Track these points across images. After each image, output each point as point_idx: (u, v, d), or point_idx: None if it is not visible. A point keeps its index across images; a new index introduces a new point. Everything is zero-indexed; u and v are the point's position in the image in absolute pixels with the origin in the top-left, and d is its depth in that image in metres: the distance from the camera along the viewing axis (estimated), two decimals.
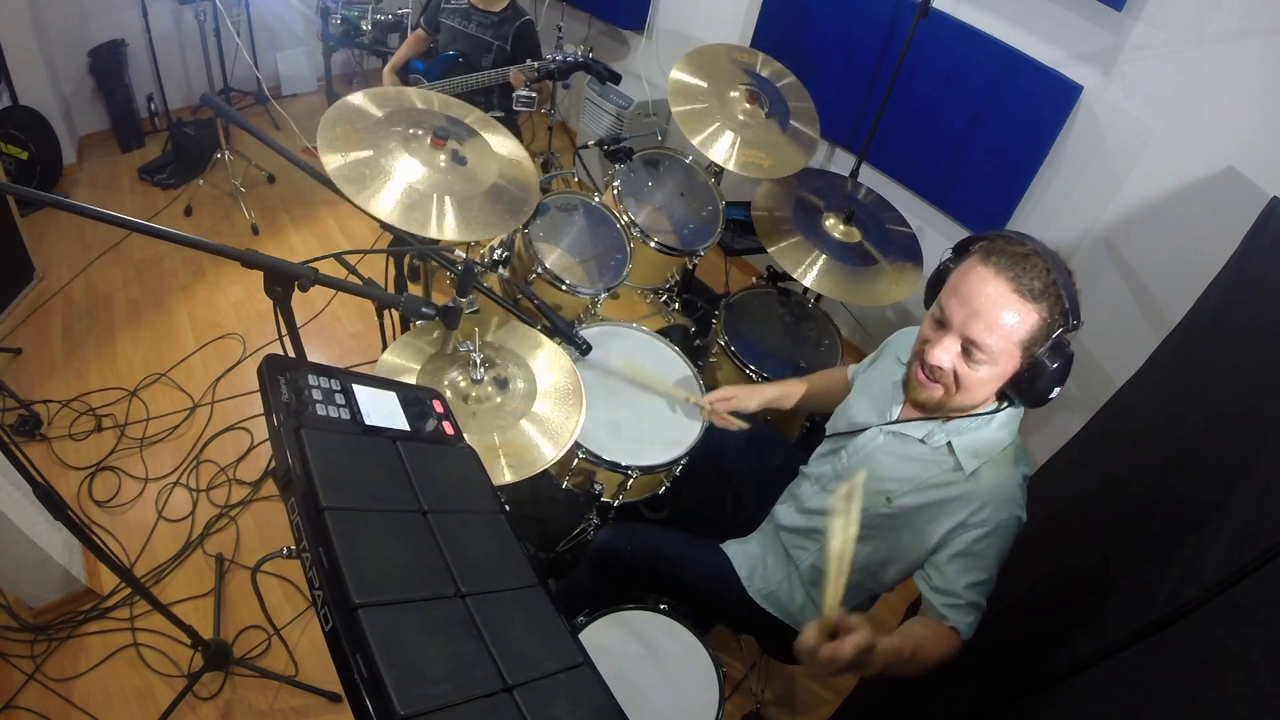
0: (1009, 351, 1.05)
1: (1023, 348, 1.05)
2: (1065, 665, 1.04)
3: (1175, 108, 1.92)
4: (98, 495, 2.06)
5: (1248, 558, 0.79)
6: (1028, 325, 1.03)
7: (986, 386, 1.10)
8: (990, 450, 1.15)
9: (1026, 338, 1.04)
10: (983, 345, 1.05)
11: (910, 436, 1.22)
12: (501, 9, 2.60)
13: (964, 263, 1.11)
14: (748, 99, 2.12)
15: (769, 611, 1.43)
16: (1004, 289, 1.02)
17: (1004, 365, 1.07)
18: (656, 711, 1.24)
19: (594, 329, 1.83)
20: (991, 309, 1.03)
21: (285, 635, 1.81)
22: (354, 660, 0.60)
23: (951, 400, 1.13)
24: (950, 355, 1.09)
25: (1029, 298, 1.02)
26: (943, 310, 1.10)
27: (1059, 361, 1.05)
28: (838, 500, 0.92)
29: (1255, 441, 1.04)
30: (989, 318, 1.03)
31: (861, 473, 0.98)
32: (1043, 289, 1.02)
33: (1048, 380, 1.06)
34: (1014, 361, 1.06)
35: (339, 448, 0.80)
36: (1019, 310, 1.03)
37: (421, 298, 1.14)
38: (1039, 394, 1.08)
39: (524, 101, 2.43)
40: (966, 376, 1.09)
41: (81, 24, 3.04)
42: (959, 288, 1.07)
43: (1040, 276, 1.02)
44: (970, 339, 1.06)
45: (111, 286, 2.71)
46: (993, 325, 1.03)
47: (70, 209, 0.89)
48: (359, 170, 1.42)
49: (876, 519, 1.23)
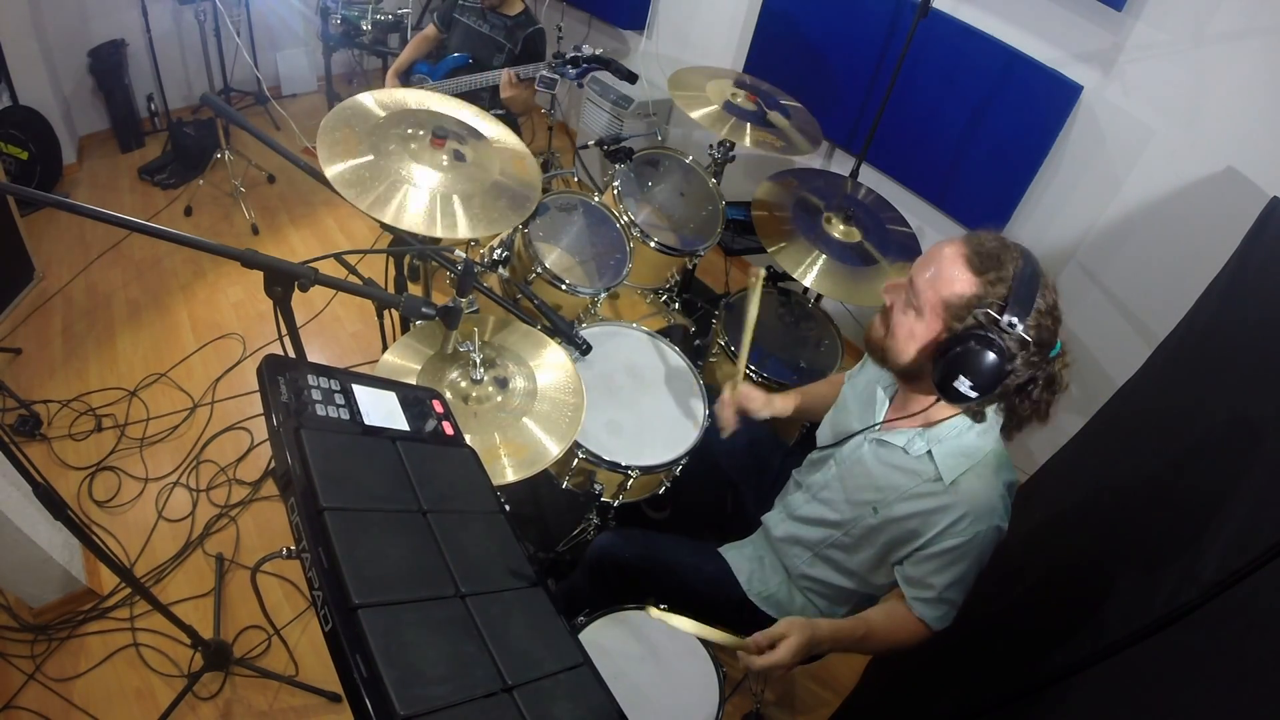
0: (933, 306, 1.07)
1: (945, 308, 1.06)
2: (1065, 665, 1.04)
3: (1175, 108, 1.92)
4: (98, 495, 2.06)
5: (1248, 558, 0.79)
6: (958, 287, 1.05)
7: (910, 341, 1.12)
8: (970, 458, 1.15)
9: (953, 298, 1.05)
10: (916, 288, 1.10)
11: (893, 445, 1.22)
12: (517, 13, 2.61)
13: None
14: (748, 98, 2.13)
15: (769, 614, 1.43)
16: (956, 250, 1.08)
17: (928, 323, 1.09)
18: (656, 711, 1.24)
19: (594, 329, 1.83)
20: (936, 259, 1.09)
21: (285, 635, 1.81)
22: (354, 660, 0.60)
23: (888, 344, 1.16)
24: (894, 295, 1.15)
25: (971, 268, 1.05)
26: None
27: (976, 348, 1.00)
28: (654, 616, 1.01)
29: (1255, 441, 1.04)
30: (931, 266, 1.09)
31: (652, 607, 1.02)
32: (989, 268, 1.04)
33: (956, 361, 1.02)
34: (936, 323, 1.08)
35: (339, 448, 0.80)
36: (957, 271, 1.06)
37: (421, 298, 1.14)
38: (945, 371, 1.03)
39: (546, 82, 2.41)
40: (896, 319, 1.13)
41: (81, 24, 3.04)
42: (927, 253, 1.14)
43: (995, 258, 1.05)
44: (911, 280, 1.11)
45: (111, 286, 2.71)
46: (931, 274, 1.08)
47: (70, 209, 0.89)
48: (359, 174, 1.42)
49: (865, 529, 1.25)
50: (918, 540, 1.17)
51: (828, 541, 1.32)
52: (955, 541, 1.13)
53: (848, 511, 1.28)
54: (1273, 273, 1.35)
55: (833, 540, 1.32)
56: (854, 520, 1.26)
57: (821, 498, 1.34)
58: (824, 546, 1.34)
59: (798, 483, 1.45)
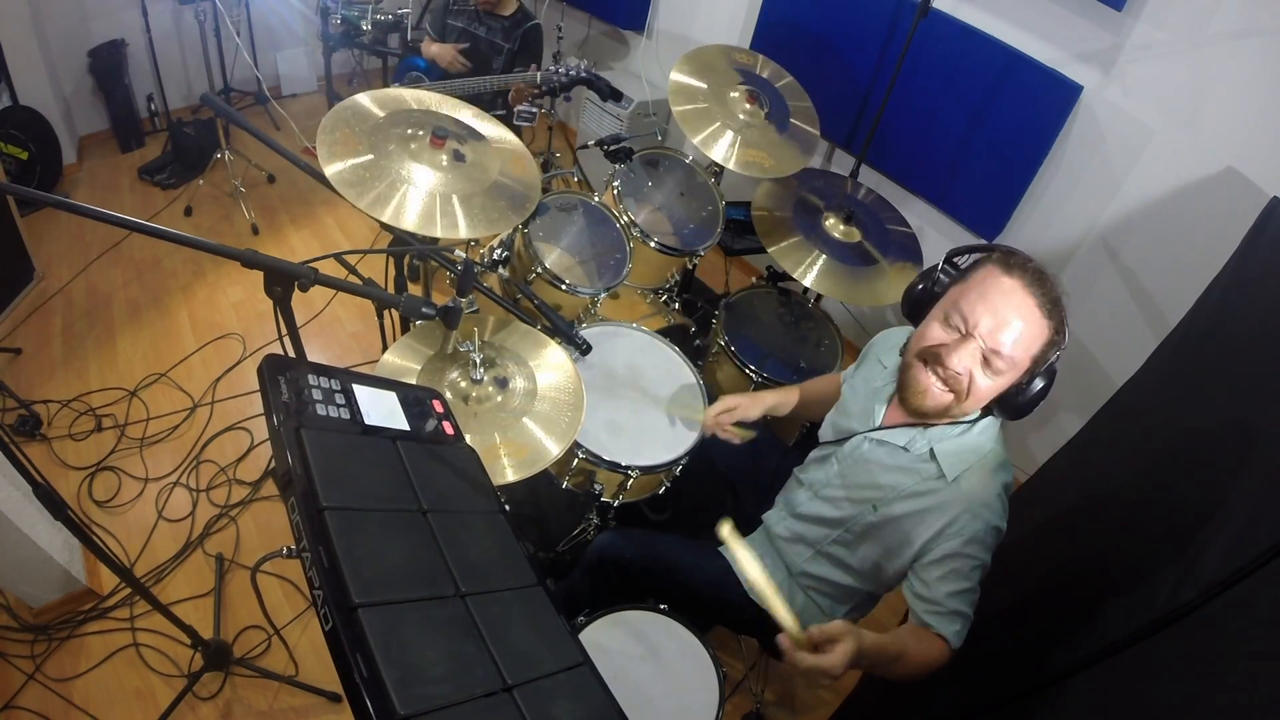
0: (1022, 364, 1.06)
1: (1033, 361, 1.06)
2: (1065, 665, 1.04)
3: (1175, 108, 1.92)
4: (98, 495, 2.06)
5: (1248, 558, 0.79)
6: (1041, 340, 1.05)
7: (990, 396, 1.11)
8: (972, 456, 1.15)
9: (1039, 352, 1.06)
10: (1005, 356, 1.05)
11: (894, 444, 1.22)
12: (512, 12, 2.61)
13: (981, 271, 1.10)
14: (748, 99, 2.13)
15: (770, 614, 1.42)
16: (1030, 302, 1.04)
17: (1014, 377, 1.08)
18: (656, 711, 1.24)
19: (594, 329, 1.83)
20: (1021, 321, 1.04)
21: (285, 635, 1.81)
22: (354, 660, 0.60)
23: (961, 405, 1.12)
24: (973, 362, 1.07)
25: (1046, 315, 1.04)
26: (965, 316, 1.08)
27: (1049, 379, 1.08)
28: (724, 535, 0.96)
29: (1255, 441, 1.04)
30: (1018, 330, 1.04)
31: (728, 522, 0.97)
32: (1055, 305, 1.05)
33: (1037, 395, 1.08)
34: (1019, 375, 1.08)
35: (339, 447, 0.80)
36: (1039, 325, 1.05)
37: (421, 298, 1.14)
38: (1026, 407, 1.09)
39: (524, 116, 2.43)
40: (980, 385, 1.08)
41: (81, 24, 3.04)
42: (986, 295, 1.06)
43: (1054, 292, 1.05)
44: (996, 348, 1.05)
45: (111, 286, 2.71)
46: (1020, 337, 1.04)
47: (70, 209, 0.89)
48: (359, 173, 1.42)
49: (865, 526, 1.25)
50: (918, 541, 1.16)
51: (829, 539, 1.33)
52: (954, 543, 1.12)
53: (849, 509, 1.28)
54: (1273, 273, 1.35)
55: (834, 538, 1.32)
56: (854, 518, 1.27)
57: (824, 495, 1.34)
58: (825, 544, 1.34)
59: (799, 480, 1.45)
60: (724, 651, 1.91)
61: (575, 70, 2.31)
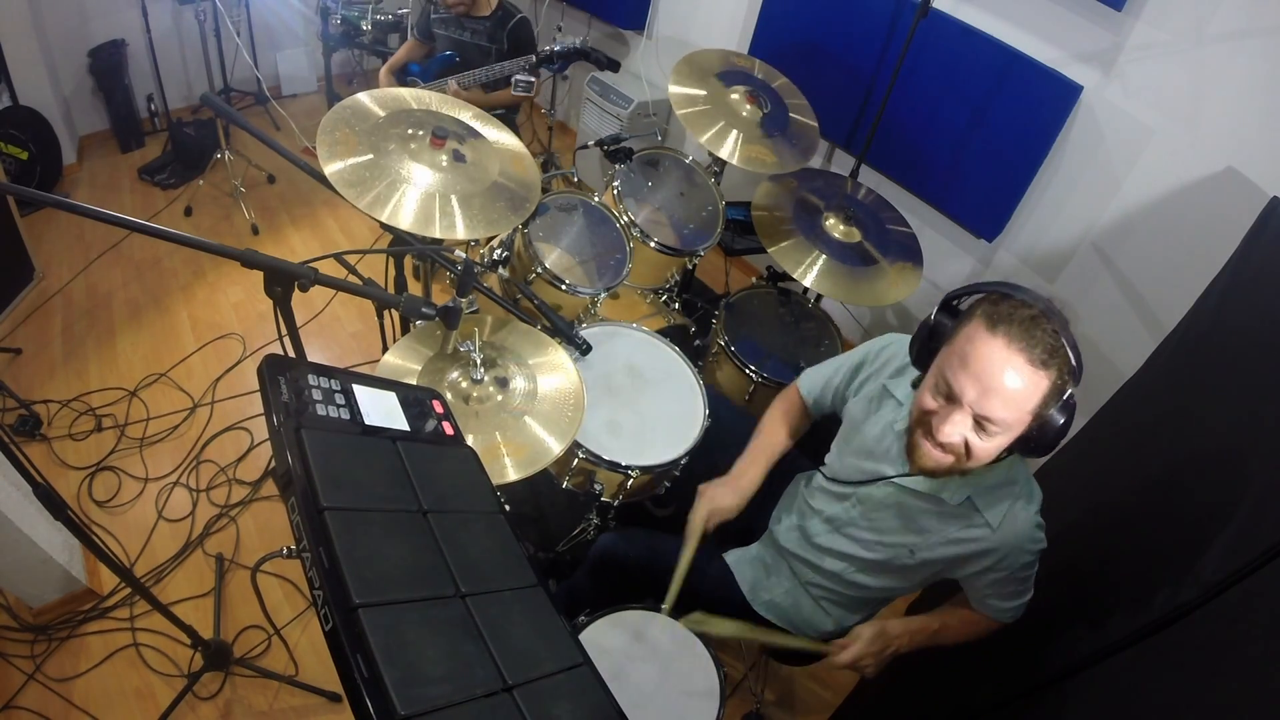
0: (1021, 420, 1.03)
1: (1034, 414, 1.02)
2: (1065, 665, 1.04)
3: (1175, 108, 1.92)
4: (98, 495, 2.06)
5: (1247, 558, 0.79)
6: (1040, 393, 1.00)
7: (997, 453, 1.08)
8: (1008, 494, 1.16)
9: (1039, 405, 1.01)
10: (997, 420, 1.01)
11: (926, 494, 1.20)
12: (490, 11, 2.59)
13: (967, 328, 1.04)
14: (748, 99, 2.13)
15: (774, 622, 1.43)
16: (1017, 362, 0.98)
17: (1016, 431, 1.05)
18: (656, 711, 1.24)
19: (594, 329, 1.83)
20: (1006, 385, 0.99)
21: (285, 635, 1.81)
22: (354, 660, 0.60)
23: (961, 467, 1.10)
24: (962, 430, 1.05)
25: (1040, 367, 0.98)
26: (950, 384, 1.04)
27: (1066, 416, 1.03)
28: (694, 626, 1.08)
29: (1255, 442, 1.04)
30: (1004, 395, 0.99)
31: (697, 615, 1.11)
32: (1052, 353, 0.98)
33: (1055, 435, 1.04)
34: (1024, 426, 1.04)
35: (339, 448, 0.79)
36: (1032, 380, 0.99)
37: (421, 298, 1.14)
38: (1047, 449, 1.06)
39: (522, 86, 2.42)
40: (978, 448, 1.05)
41: (81, 24, 3.05)
42: (968, 362, 1.02)
43: (1050, 339, 0.98)
44: (985, 415, 1.02)
45: (111, 286, 2.71)
46: (1008, 401, 1.00)
47: (70, 209, 0.89)
48: (359, 174, 1.42)
49: (900, 566, 1.26)
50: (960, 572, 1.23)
51: (850, 570, 1.33)
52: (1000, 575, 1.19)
53: (881, 552, 1.27)
54: (1273, 273, 1.35)
55: (857, 569, 1.32)
56: (889, 560, 1.27)
57: (847, 533, 1.32)
58: (846, 573, 1.34)
59: (813, 508, 1.39)
60: (724, 651, 1.91)
61: (568, 44, 2.32)
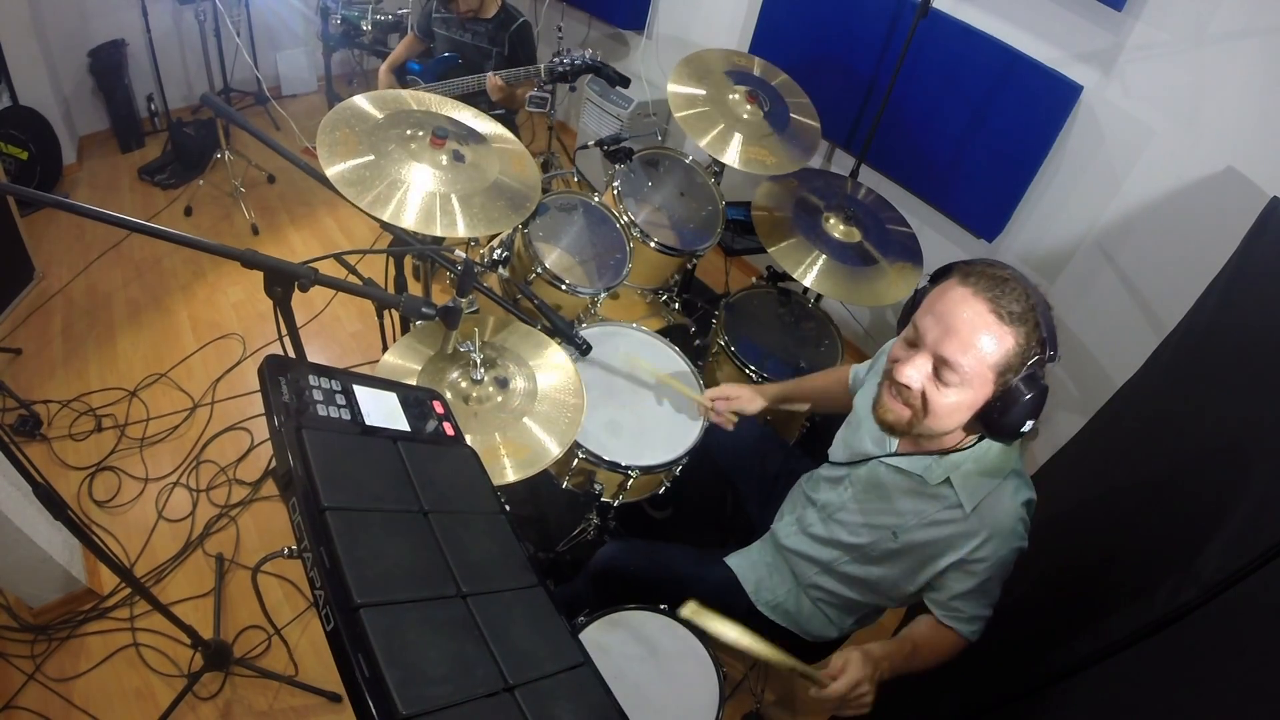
0: (982, 375, 1.00)
1: (996, 372, 1.00)
2: (1065, 665, 1.04)
3: (1175, 108, 1.92)
4: (98, 495, 2.06)
5: (1247, 558, 0.79)
6: (1003, 349, 0.98)
7: (956, 414, 1.05)
8: (990, 481, 1.13)
9: (1001, 361, 0.99)
10: (955, 365, 0.99)
11: (910, 472, 1.20)
12: (494, 14, 2.59)
13: (941, 283, 1.06)
14: (748, 99, 2.13)
15: (778, 623, 1.43)
16: (981, 309, 0.98)
17: (976, 390, 1.01)
18: (656, 711, 1.24)
19: (594, 329, 1.83)
20: (967, 328, 0.98)
21: (285, 635, 1.81)
22: (356, 660, 0.60)
23: (919, 424, 1.08)
24: (920, 374, 1.03)
25: (1006, 320, 0.98)
26: (916, 329, 1.05)
27: (1032, 393, 0.99)
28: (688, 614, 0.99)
29: (1255, 441, 1.04)
30: (964, 336, 0.99)
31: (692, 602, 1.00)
32: (1021, 313, 0.98)
33: (1019, 412, 1.00)
34: (986, 387, 1.01)
35: (340, 448, 0.80)
36: (995, 332, 0.98)
37: (421, 298, 1.14)
38: (1010, 426, 1.02)
39: (536, 102, 2.42)
40: (935, 399, 1.03)
41: (81, 24, 3.04)
42: (934, 305, 1.03)
43: (1019, 300, 0.98)
44: (943, 357, 1.00)
45: (111, 286, 2.71)
46: (967, 344, 0.98)
47: (70, 209, 0.89)
48: (360, 174, 1.42)
49: (884, 551, 1.25)
50: (939, 564, 1.17)
51: (843, 560, 1.32)
52: (975, 569, 1.14)
53: (867, 535, 1.27)
54: (1273, 273, 1.35)
55: (849, 559, 1.31)
56: (873, 544, 1.26)
57: (838, 519, 1.32)
58: (839, 564, 1.33)
59: (810, 499, 1.41)
60: (724, 651, 1.91)
61: (581, 58, 2.31)
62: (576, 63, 2.32)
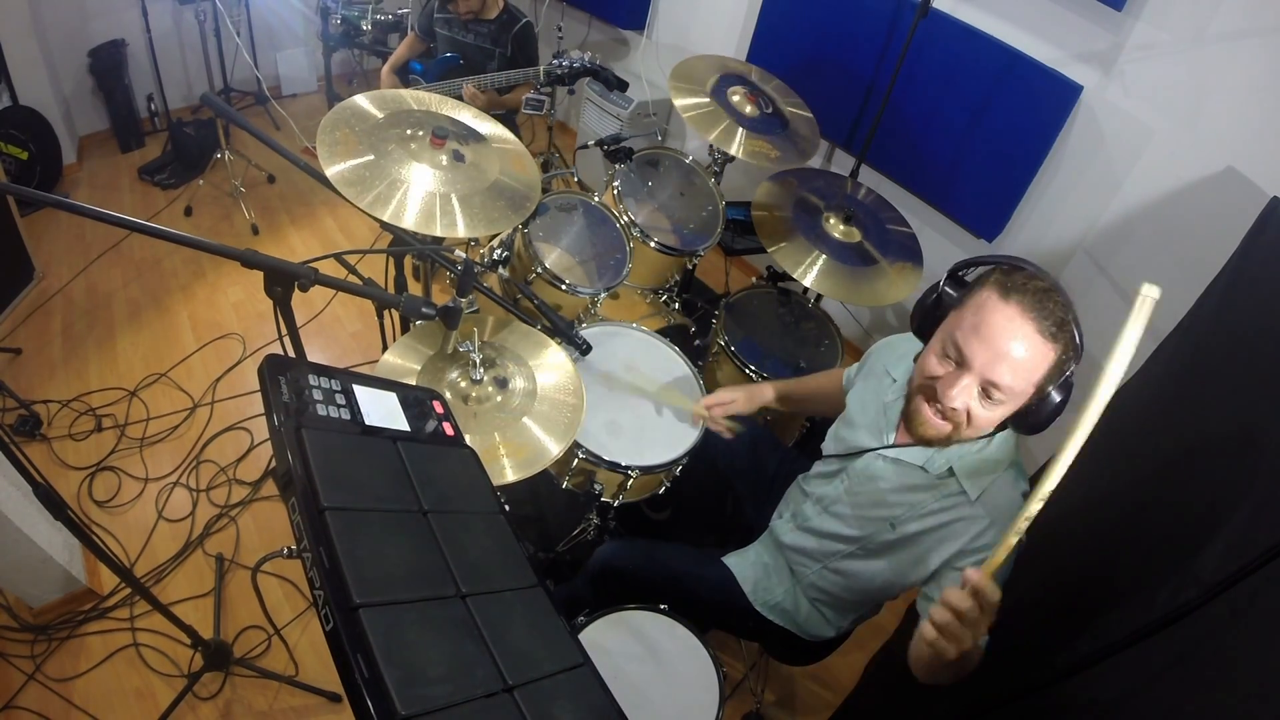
0: (1025, 392, 1.04)
1: (1038, 387, 1.04)
2: (1065, 665, 1.04)
3: (1175, 108, 1.92)
4: (98, 495, 2.06)
5: (1247, 558, 0.79)
6: (1046, 365, 1.01)
7: (995, 424, 1.09)
8: (993, 470, 1.14)
9: (1043, 378, 1.02)
10: (1004, 387, 1.03)
11: (910, 464, 1.20)
12: (496, 15, 2.59)
13: (979, 295, 1.06)
14: (749, 99, 2.14)
15: (776, 623, 1.42)
16: (1029, 330, 1.00)
17: (1017, 402, 1.06)
18: (656, 711, 1.24)
19: (594, 329, 1.83)
20: (1017, 352, 1.00)
21: (285, 635, 1.81)
22: (355, 660, 0.60)
23: (958, 436, 1.12)
24: (968, 396, 1.06)
25: (1049, 338, 1.00)
26: (960, 349, 1.05)
27: (1064, 394, 1.04)
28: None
29: (1255, 442, 1.04)
30: (1014, 362, 1.01)
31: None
32: (1061, 327, 1.00)
33: (1052, 412, 1.05)
34: (1026, 398, 1.05)
35: (339, 448, 0.79)
36: (1040, 351, 1.01)
37: (421, 298, 1.14)
38: (1041, 426, 1.06)
39: (533, 105, 2.43)
40: (979, 416, 1.07)
41: (81, 24, 3.05)
42: (980, 327, 1.03)
43: (1059, 313, 1.00)
44: (992, 381, 1.03)
45: (111, 286, 2.71)
46: (1016, 369, 1.01)
47: (70, 209, 0.89)
48: (360, 174, 1.42)
49: (881, 544, 1.24)
50: (940, 554, 1.16)
51: (841, 554, 1.32)
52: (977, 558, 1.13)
53: (864, 527, 1.26)
54: (1273, 273, 1.35)
55: (847, 553, 1.31)
56: (870, 536, 1.26)
57: (833, 511, 1.32)
58: (836, 559, 1.33)
59: (806, 493, 1.42)
60: (724, 651, 1.91)
61: (579, 61, 2.31)
62: (575, 66, 2.32)
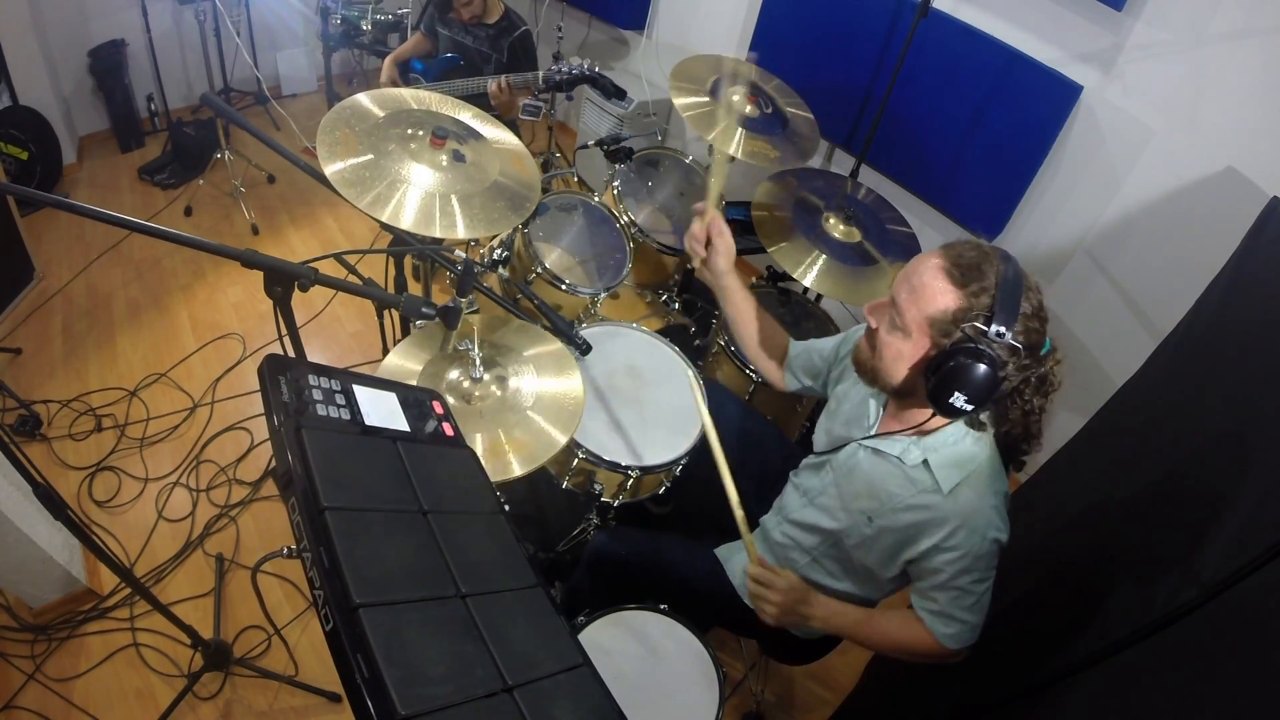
0: (919, 324, 1.05)
1: (931, 324, 1.03)
2: (1065, 665, 1.04)
3: (1175, 108, 1.92)
4: (98, 495, 2.06)
5: (1248, 558, 0.79)
6: (941, 303, 1.02)
7: (899, 361, 1.10)
8: (965, 467, 1.14)
9: (937, 314, 1.03)
10: (899, 306, 1.07)
11: (888, 454, 1.21)
12: (497, 20, 2.59)
13: None
14: (749, 99, 2.13)
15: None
16: (935, 262, 1.05)
17: (915, 342, 1.06)
18: (656, 711, 1.24)
19: (594, 329, 1.83)
20: (916, 275, 1.06)
21: (285, 635, 1.81)
22: (355, 660, 0.60)
23: (874, 363, 1.14)
24: (879, 316, 1.12)
25: (952, 280, 1.03)
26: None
27: (968, 363, 0.98)
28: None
29: (1255, 441, 1.04)
30: (911, 282, 1.06)
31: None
32: (970, 279, 1.01)
33: (948, 377, 1.00)
34: (924, 340, 1.05)
35: (339, 448, 0.79)
36: (939, 286, 1.03)
37: (421, 298, 1.14)
38: (937, 391, 1.02)
39: (530, 110, 2.43)
40: (881, 339, 1.11)
41: (81, 24, 3.05)
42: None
43: (975, 268, 1.02)
44: (893, 298, 1.09)
45: (111, 286, 2.71)
46: (914, 292, 1.05)
47: (70, 209, 0.89)
48: (360, 174, 1.42)
49: (860, 538, 1.25)
50: (913, 551, 1.17)
51: (824, 546, 1.33)
52: (949, 556, 1.13)
53: (844, 520, 1.27)
54: (1273, 273, 1.35)
55: (829, 544, 1.32)
56: (850, 529, 1.26)
57: (818, 504, 1.33)
58: (818, 552, 1.34)
59: (794, 484, 1.44)
60: (724, 651, 1.91)
61: (578, 68, 2.31)
62: (573, 73, 2.32)
